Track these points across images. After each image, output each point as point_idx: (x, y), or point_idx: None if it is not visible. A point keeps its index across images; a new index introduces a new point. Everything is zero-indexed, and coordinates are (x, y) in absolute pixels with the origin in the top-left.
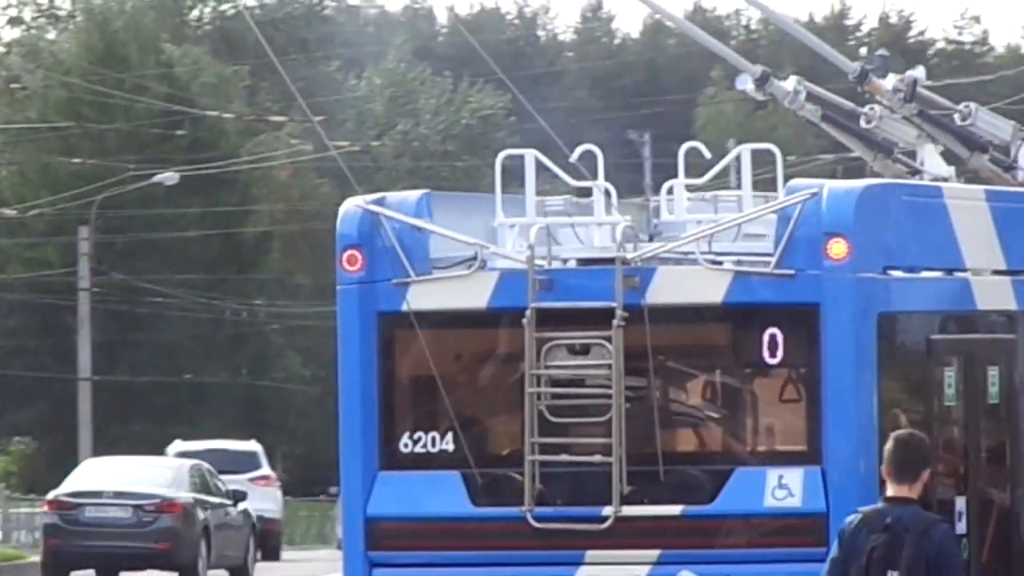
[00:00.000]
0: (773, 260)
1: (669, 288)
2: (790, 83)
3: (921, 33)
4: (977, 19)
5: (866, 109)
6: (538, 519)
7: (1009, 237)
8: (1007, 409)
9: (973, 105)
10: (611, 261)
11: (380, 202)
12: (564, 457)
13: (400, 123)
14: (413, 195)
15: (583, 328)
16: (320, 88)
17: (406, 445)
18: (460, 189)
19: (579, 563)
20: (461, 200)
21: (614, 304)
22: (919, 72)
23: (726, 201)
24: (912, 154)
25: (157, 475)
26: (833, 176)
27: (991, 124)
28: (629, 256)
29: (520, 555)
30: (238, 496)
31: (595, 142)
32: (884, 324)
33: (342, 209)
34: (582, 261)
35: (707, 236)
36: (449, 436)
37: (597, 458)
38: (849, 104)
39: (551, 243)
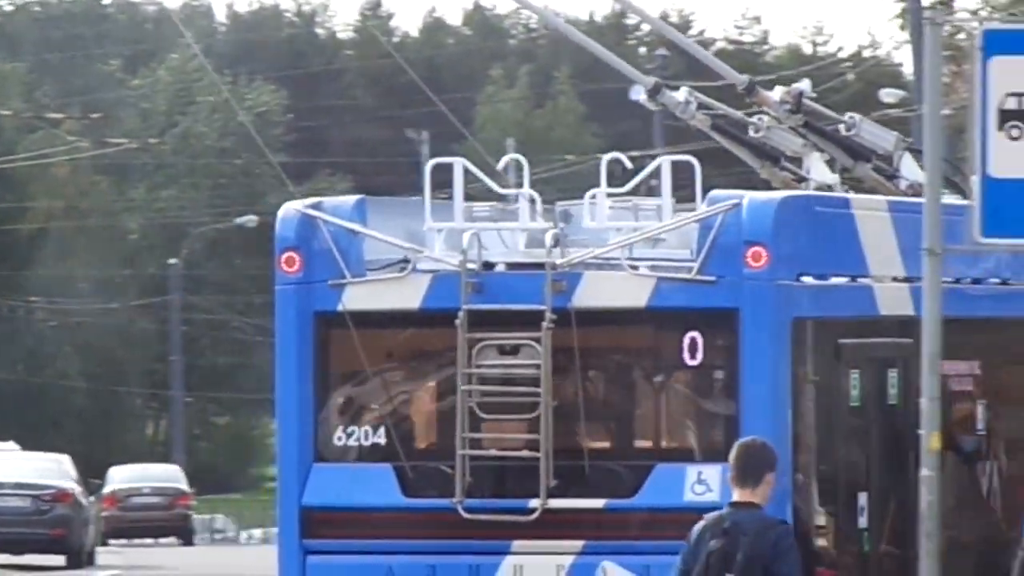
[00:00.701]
0: (695, 267)
1: (595, 292)
2: (681, 94)
3: (701, 33)
4: (758, 19)
5: (754, 119)
6: (468, 510)
7: (907, 246)
8: (905, 409)
9: (857, 116)
10: (540, 266)
11: (317, 206)
12: (493, 452)
13: (180, 121)
14: (348, 200)
15: (513, 329)
16: (100, 85)
17: (340, 439)
18: (238, 186)
19: (506, 552)
20: (391, 205)
21: (543, 307)
22: (805, 85)
23: (646, 210)
24: (799, 162)
25: (46, 467)
26: (611, 175)
27: (874, 135)
28: (558, 261)
29: (449, 544)
30: (93, 488)
31: (374, 140)
32: (798, 328)
33: (280, 212)
34: (510, 265)
35: (630, 243)
36: (381, 431)
37: (525, 453)
38: (738, 114)
39: (480, 248)
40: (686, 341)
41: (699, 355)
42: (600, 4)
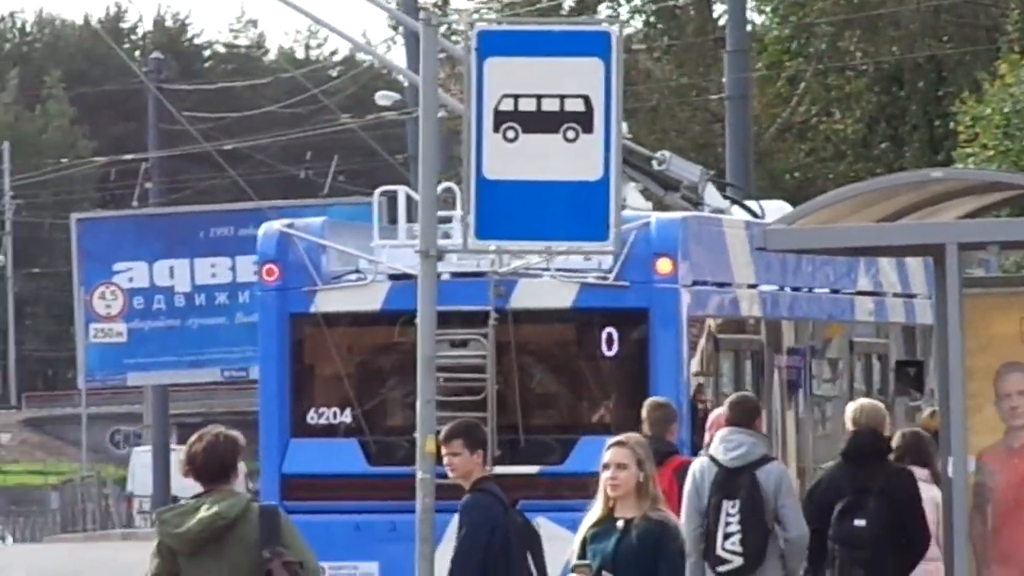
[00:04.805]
0: (612, 274)
1: (529, 296)
2: None
3: (196, 36)
4: (254, 23)
5: (657, 155)
6: None
7: (757, 259)
8: (756, 391)
9: (668, 153)
10: (482, 274)
11: (291, 226)
12: None
13: None
14: (316, 221)
15: (463, 327)
16: None
17: (312, 418)
18: None
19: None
20: (346, 227)
21: (487, 307)
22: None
23: None
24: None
25: None
26: (107, 178)
27: (682, 168)
28: (500, 270)
29: (408, 504)
30: None
31: None
32: (693, 325)
33: (261, 231)
34: (455, 274)
35: (558, 254)
36: (348, 411)
37: None
38: (644, 150)
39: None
40: (604, 335)
41: (615, 347)
42: (94, 6)
